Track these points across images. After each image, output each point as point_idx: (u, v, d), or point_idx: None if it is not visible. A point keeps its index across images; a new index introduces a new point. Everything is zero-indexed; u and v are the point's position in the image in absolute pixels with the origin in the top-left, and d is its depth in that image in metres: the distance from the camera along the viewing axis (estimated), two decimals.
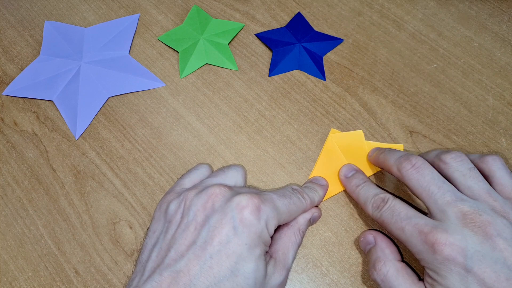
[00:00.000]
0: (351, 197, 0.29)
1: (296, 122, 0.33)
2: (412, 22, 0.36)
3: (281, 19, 0.37)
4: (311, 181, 0.30)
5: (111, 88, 0.35)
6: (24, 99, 0.35)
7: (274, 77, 0.35)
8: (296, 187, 0.27)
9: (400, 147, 0.31)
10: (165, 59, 0.36)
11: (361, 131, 0.31)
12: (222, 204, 0.23)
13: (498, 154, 0.27)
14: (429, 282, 0.22)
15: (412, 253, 0.23)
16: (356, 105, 0.33)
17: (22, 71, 0.36)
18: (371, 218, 0.29)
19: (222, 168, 0.28)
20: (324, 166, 0.30)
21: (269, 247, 0.26)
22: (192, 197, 0.24)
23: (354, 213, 0.29)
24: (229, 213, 0.22)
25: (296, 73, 0.35)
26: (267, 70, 0.35)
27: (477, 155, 0.26)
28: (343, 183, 0.29)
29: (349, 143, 0.31)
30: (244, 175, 0.28)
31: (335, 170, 0.30)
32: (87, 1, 0.40)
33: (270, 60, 0.35)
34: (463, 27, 0.35)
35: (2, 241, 0.30)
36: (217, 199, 0.23)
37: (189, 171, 0.29)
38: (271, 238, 0.25)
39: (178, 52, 0.36)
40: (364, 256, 0.28)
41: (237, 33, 0.37)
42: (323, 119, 0.33)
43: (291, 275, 0.28)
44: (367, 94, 0.33)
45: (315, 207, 0.28)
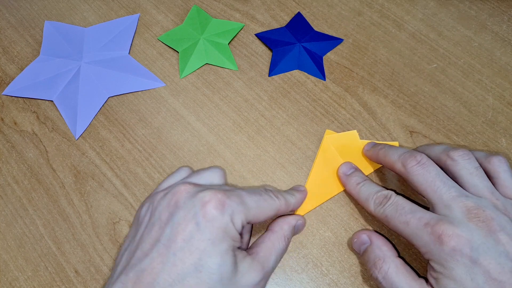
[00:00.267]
0: (351, 195, 0.28)
1: (296, 122, 0.33)
2: (412, 22, 0.36)
3: (281, 19, 0.37)
4: (291, 188, 0.29)
5: (111, 88, 0.35)
6: (24, 99, 0.35)
7: (274, 77, 0.35)
8: (270, 187, 0.27)
9: (395, 144, 0.31)
10: (165, 59, 0.36)
11: (355, 131, 0.31)
12: (186, 201, 0.23)
13: (502, 155, 0.27)
14: (433, 276, 0.22)
15: (417, 247, 0.23)
16: (356, 105, 0.33)
17: (22, 71, 0.36)
18: (371, 217, 0.29)
19: (199, 169, 0.27)
20: (321, 168, 0.30)
21: (246, 246, 0.26)
22: (159, 198, 0.24)
23: (354, 213, 0.29)
24: (192, 209, 0.22)
25: (296, 73, 0.35)
26: (267, 70, 0.35)
27: (482, 154, 0.26)
28: (342, 181, 0.29)
29: (344, 143, 0.31)
30: (221, 175, 0.27)
31: (332, 171, 0.30)
32: (87, 1, 0.40)
33: (270, 60, 0.35)
34: (463, 27, 0.35)
35: (2, 241, 0.30)
36: (181, 197, 0.23)
37: (169, 175, 0.28)
38: (255, 242, 0.25)
39: (178, 52, 0.36)
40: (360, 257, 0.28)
41: (237, 33, 0.37)
42: (323, 119, 0.33)
43: (290, 274, 0.28)
44: (367, 94, 0.33)
45: (299, 215, 0.28)
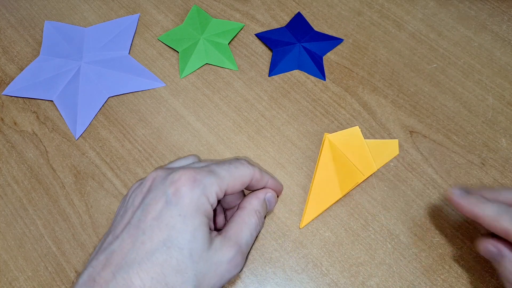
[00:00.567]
0: (466, 215, 0.25)
1: (296, 122, 0.33)
2: (412, 22, 0.36)
3: (281, 19, 0.37)
4: None
5: (111, 88, 0.35)
6: (24, 99, 0.35)
7: (274, 77, 0.35)
8: (242, 158, 0.27)
9: (395, 142, 0.31)
10: (165, 59, 0.36)
11: (357, 127, 0.31)
12: (157, 184, 0.23)
13: None
14: None
15: None
16: (356, 105, 0.33)
17: (22, 71, 0.36)
18: (371, 217, 0.29)
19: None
20: (326, 169, 0.30)
21: (220, 228, 0.25)
22: (133, 189, 0.24)
23: (354, 213, 0.29)
24: (162, 189, 0.22)
25: (296, 73, 0.35)
26: (267, 70, 0.35)
27: None
28: (456, 203, 0.25)
29: (347, 141, 0.31)
30: (195, 158, 0.27)
31: (339, 170, 0.30)
32: (87, 1, 0.40)
33: (270, 60, 0.35)
34: (463, 27, 0.35)
35: (2, 241, 0.30)
36: (153, 182, 0.23)
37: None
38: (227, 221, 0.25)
39: (178, 52, 0.36)
40: (364, 256, 0.28)
41: (237, 33, 0.37)
42: (323, 119, 0.33)
43: (291, 274, 0.28)
44: (367, 94, 0.33)
45: (268, 189, 0.27)
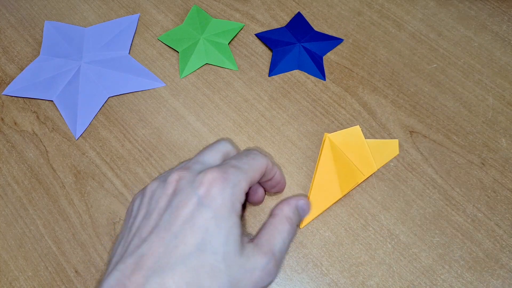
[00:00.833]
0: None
1: (296, 122, 0.33)
2: (412, 22, 0.36)
3: (281, 19, 0.37)
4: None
5: (111, 88, 0.35)
6: (24, 99, 0.35)
7: (274, 77, 0.35)
8: (252, 149, 0.26)
9: (395, 142, 0.31)
10: (165, 59, 0.36)
11: (358, 126, 0.31)
12: (184, 186, 0.22)
13: None
14: None
15: None
16: (356, 105, 0.33)
17: (22, 71, 0.36)
18: (371, 217, 0.29)
19: (201, 151, 0.26)
20: (326, 169, 0.30)
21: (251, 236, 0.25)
22: (153, 188, 0.24)
23: (354, 213, 0.29)
24: (191, 191, 0.22)
25: (296, 73, 0.35)
26: (267, 70, 0.35)
27: None
28: None
29: (348, 140, 0.31)
30: (221, 154, 0.25)
31: (339, 169, 0.30)
32: (87, 1, 0.40)
33: (270, 60, 0.35)
34: (463, 27, 0.35)
35: (2, 241, 0.30)
36: (178, 184, 0.23)
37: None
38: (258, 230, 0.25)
39: (178, 52, 0.36)
40: (364, 256, 0.28)
41: (237, 33, 0.37)
42: (323, 119, 0.33)
43: (291, 274, 0.28)
44: (367, 94, 0.33)
45: (299, 196, 0.27)
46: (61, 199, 0.31)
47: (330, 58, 0.35)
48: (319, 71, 0.34)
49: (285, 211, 0.26)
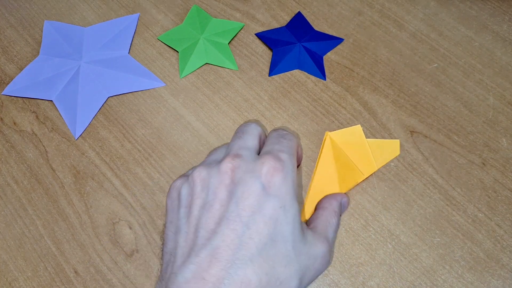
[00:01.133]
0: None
1: (296, 122, 0.33)
2: (413, 22, 0.36)
3: (281, 19, 0.37)
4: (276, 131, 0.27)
5: (110, 88, 0.35)
6: (24, 99, 0.35)
7: (274, 76, 0.35)
8: (280, 130, 0.26)
9: (396, 143, 0.31)
10: (165, 58, 0.36)
11: (359, 126, 0.31)
12: (242, 176, 0.22)
13: None
14: None
15: None
16: (357, 105, 0.33)
17: (22, 70, 0.36)
18: (371, 218, 0.29)
19: (234, 137, 0.26)
20: (326, 167, 0.30)
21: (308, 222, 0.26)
22: (203, 177, 0.23)
23: (354, 213, 0.29)
24: (254, 182, 0.22)
25: (296, 72, 0.35)
26: (267, 70, 0.35)
27: None
28: None
29: (348, 139, 0.30)
30: (256, 136, 0.25)
31: (339, 168, 0.30)
32: (86, 0, 0.40)
33: (270, 60, 0.35)
34: (463, 27, 0.35)
35: (2, 241, 0.30)
36: (235, 174, 0.22)
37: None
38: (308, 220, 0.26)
39: (178, 52, 0.36)
40: (364, 256, 0.28)
41: (237, 33, 0.37)
42: (323, 119, 0.33)
43: None
44: (367, 94, 0.33)
45: (343, 193, 0.28)
46: (61, 199, 0.31)
47: (330, 58, 0.35)
48: (320, 71, 0.34)
49: (333, 205, 0.27)
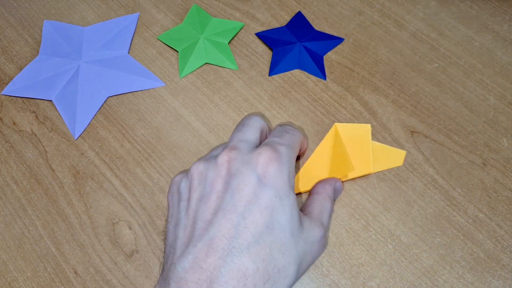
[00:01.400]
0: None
1: (297, 122, 0.33)
2: (413, 22, 0.36)
3: (282, 18, 0.37)
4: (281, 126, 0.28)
5: (110, 87, 0.35)
6: (23, 98, 0.35)
7: (274, 76, 0.35)
8: (285, 125, 0.27)
9: (402, 153, 0.30)
10: (164, 58, 0.36)
11: (369, 125, 0.30)
12: (239, 168, 0.22)
13: None
14: None
15: None
16: (357, 104, 0.33)
17: (21, 70, 0.36)
18: (372, 218, 0.29)
19: (236, 130, 0.26)
20: (322, 153, 0.30)
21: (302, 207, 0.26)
22: (201, 170, 0.24)
23: (355, 213, 0.29)
24: (249, 172, 0.22)
25: (297, 72, 0.34)
26: (267, 70, 0.35)
27: None
28: None
29: (354, 134, 0.30)
30: (257, 130, 0.26)
31: (334, 158, 0.29)
32: (86, 0, 0.39)
33: (270, 60, 0.35)
34: (464, 26, 0.35)
35: (1, 242, 0.30)
36: (231, 166, 0.23)
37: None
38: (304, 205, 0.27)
39: (178, 52, 0.36)
40: (365, 257, 0.28)
41: (237, 33, 0.37)
42: (323, 119, 0.33)
43: None
44: (367, 93, 0.33)
45: (336, 178, 0.29)
46: (60, 199, 0.31)
47: (330, 58, 0.35)
48: (320, 71, 0.34)
49: (327, 189, 0.27)
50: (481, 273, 0.27)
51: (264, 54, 0.36)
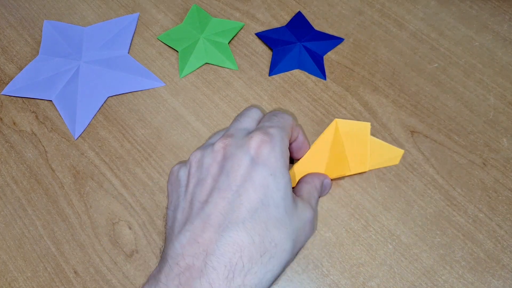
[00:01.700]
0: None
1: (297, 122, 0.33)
2: (413, 22, 0.36)
3: (282, 18, 0.37)
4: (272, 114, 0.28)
5: (110, 87, 0.35)
6: (23, 98, 0.35)
7: (274, 76, 0.35)
8: (276, 112, 0.27)
9: (399, 152, 0.30)
10: (164, 58, 0.36)
11: (369, 124, 0.30)
12: (233, 151, 0.23)
13: None
14: None
15: None
16: (357, 104, 0.33)
17: (21, 70, 0.36)
18: (372, 218, 0.29)
19: (234, 121, 0.27)
20: (320, 149, 0.30)
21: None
22: (198, 158, 0.24)
23: (355, 213, 0.29)
24: (243, 155, 0.23)
25: (297, 72, 0.34)
26: (267, 70, 0.35)
27: None
28: None
29: (353, 132, 0.30)
30: (255, 119, 0.27)
31: (331, 155, 0.29)
32: (86, 0, 0.39)
33: (270, 60, 0.35)
34: (464, 26, 0.35)
35: (1, 242, 0.30)
36: (226, 151, 0.23)
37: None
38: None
39: (178, 52, 0.36)
40: (365, 257, 0.28)
41: (237, 32, 0.37)
42: (323, 119, 0.33)
43: (291, 275, 0.28)
44: (367, 93, 0.33)
45: (325, 175, 0.29)
46: (60, 199, 0.31)
47: (330, 58, 0.35)
48: (320, 71, 0.34)
49: (316, 182, 0.28)
50: (481, 273, 0.27)
51: (264, 54, 0.36)
